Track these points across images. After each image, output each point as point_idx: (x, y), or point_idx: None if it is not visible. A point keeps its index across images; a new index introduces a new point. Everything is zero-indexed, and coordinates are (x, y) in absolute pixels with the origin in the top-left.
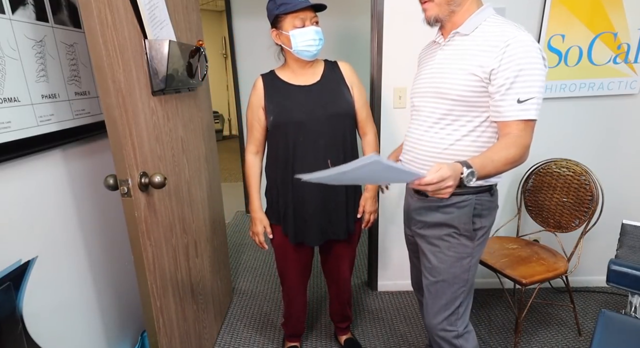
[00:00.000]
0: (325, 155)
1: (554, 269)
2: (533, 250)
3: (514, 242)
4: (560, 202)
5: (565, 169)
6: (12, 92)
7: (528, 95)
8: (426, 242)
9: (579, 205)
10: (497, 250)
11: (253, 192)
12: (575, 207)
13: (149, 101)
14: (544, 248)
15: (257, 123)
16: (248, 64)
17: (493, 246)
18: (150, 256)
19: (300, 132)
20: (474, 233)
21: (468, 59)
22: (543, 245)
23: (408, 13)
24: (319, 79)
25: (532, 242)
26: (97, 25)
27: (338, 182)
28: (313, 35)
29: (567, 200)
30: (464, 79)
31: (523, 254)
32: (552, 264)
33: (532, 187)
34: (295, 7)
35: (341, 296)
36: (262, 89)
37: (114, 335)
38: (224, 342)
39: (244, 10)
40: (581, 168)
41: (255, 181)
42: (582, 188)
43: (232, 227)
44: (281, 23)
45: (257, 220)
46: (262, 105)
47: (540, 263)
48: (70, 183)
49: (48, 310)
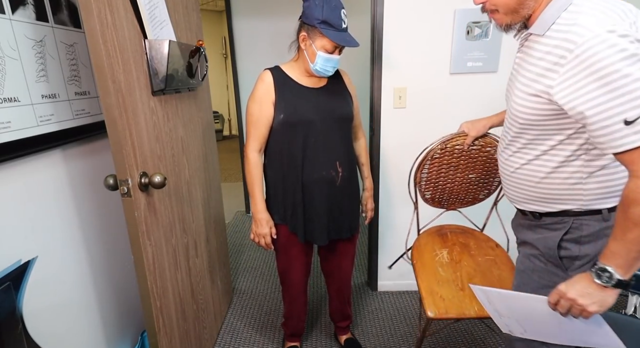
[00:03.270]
0: (334, 156)
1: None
2: (475, 252)
3: (438, 245)
4: (467, 179)
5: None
6: (12, 92)
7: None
8: (518, 259)
9: (487, 176)
10: (436, 273)
11: (257, 192)
12: (483, 179)
13: (149, 101)
14: (478, 239)
15: (266, 119)
16: (248, 64)
17: (426, 268)
18: (150, 256)
19: (311, 132)
20: (564, 261)
21: (533, 75)
22: (468, 231)
23: (408, 13)
24: (324, 83)
25: (457, 234)
26: (97, 25)
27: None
28: (334, 63)
29: (474, 176)
30: (527, 100)
31: (472, 266)
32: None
33: (429, 174)
34: (337, 40)
35: (342, 294)
36: (272, 83)
37: (114, 335)
38: (224, 342)
39: (244, 10)
40: (491, 138)
41: (260, 181)
42: (490, 159)
43: (232, 227)
44: (315, 36)
45: (263, 222)
46: (272, 100)
47: (501, 268)
48: (70, 183)
49: (48, 310)
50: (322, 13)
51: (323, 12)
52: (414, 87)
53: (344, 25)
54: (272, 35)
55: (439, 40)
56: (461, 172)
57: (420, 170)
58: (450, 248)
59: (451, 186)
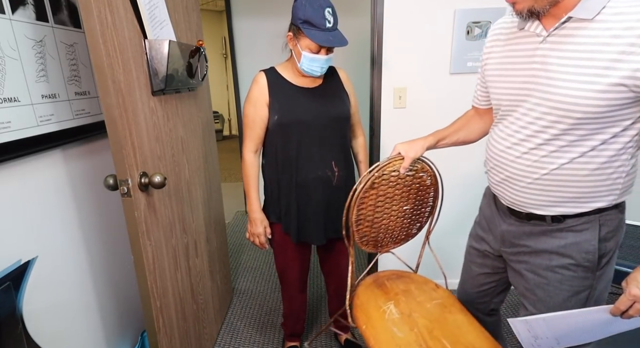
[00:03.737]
0: (330, 156)
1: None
2: (420, 299)
3: (382, 299)
4: (402, 212)
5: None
6: (12, 92)
7: None
8: (529, 271)
9: (420, 207)
10: (394, 337)
11: (252, 192)
12: (417, 211)
13: (149, 101)
14: (417, 282)
15: (261, 120)
16: (248, 64)
17: (379, 332)
18: (150, 256)
19: (305, 133)
20: (596, 262)
21: (604, 62)
22: (403, 275)
23: (408, 13)
24: (320, 82)
25: (395, 281)
26: (97, 25)
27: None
28: (322, 63)
29: (408, 208)
30: (599, 91)
31: (425, 316)
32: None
33: (366, 211)
34: (318, 40)
35: (341, 292)
36: (265, 85)
37: (114, 335)
38: (224, 342)
39: (244, 10)
40: (422, 161)
41: (255, 181)
42: (423, 186)
43: (232, 227)
44: (300, 36)
45: (257, 221)
46: (266, 102)
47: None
48: (70, 183)
49: (48, 310)
50: (304, 13)
51: (305, 12)
52: (414, 87)
53: (329, 24)
54: (272, 35)
55: (439, 40)
56: (397, 204)
57: (355, 207)
58: (394, 299)
59: (387, 223)
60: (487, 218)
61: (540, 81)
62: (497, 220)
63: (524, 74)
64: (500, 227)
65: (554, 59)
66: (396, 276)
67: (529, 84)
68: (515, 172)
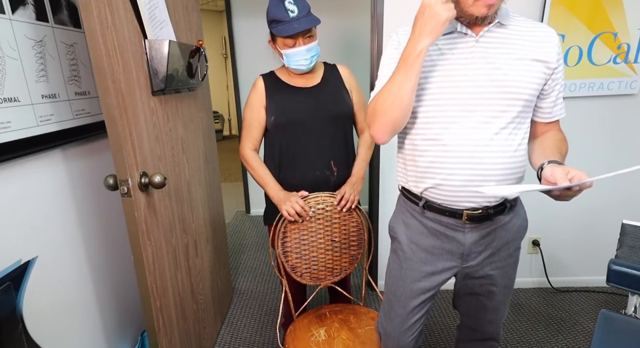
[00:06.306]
0: (329, 155)
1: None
2: (355, 325)
3: (316, 326)
4: (331, 247)
5: (329, 200)
6: (12, 92)
7: (563, 93)
8: (497, 268)
9: (348, 240)
10: None
11: (266, 177)
12: (343, 244)
13: (149, 101)
14: (358, 313)
15: (257, 122)
16: (248, 64)
17: None
18: (150, 256)
19: (302, 132)
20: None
21: (531, 54)
22: (348, 307)
23: (408, 13)
24: (319, 81)
25: (337, 313)
26: (97, 25)
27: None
28: (304, 54)
29: (337, 240)
30: (532, 76)
31: (351, 338)
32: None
33: (291, 242)
34: (283, 33)
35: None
36: (263, 88)
37: (114, 335)
38: (224, 342)
39: (244, 10)
40: (333, 196)
41: (263, 167)
42: (347, 221)
43: (232, 227)
44: (275, 38)
45: (285, 197)
46: (263, 105)
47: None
48: (70, 183)
49: (48, 310)
50: (269, 14)
51: (269, 13)
52: None
53: (292, 14)
54: None
55: None
56: (322, 237)
57: (278, 240)
58: (328, 326)
59: (317, 255)
60: (434, 246)
61: (490, 72)
62: (458, 237)
63: (479, 72)
64: (464, 241)
65: (499, 54)
66: (340, 309)
67: (485, 78)
68: (489, 161)
